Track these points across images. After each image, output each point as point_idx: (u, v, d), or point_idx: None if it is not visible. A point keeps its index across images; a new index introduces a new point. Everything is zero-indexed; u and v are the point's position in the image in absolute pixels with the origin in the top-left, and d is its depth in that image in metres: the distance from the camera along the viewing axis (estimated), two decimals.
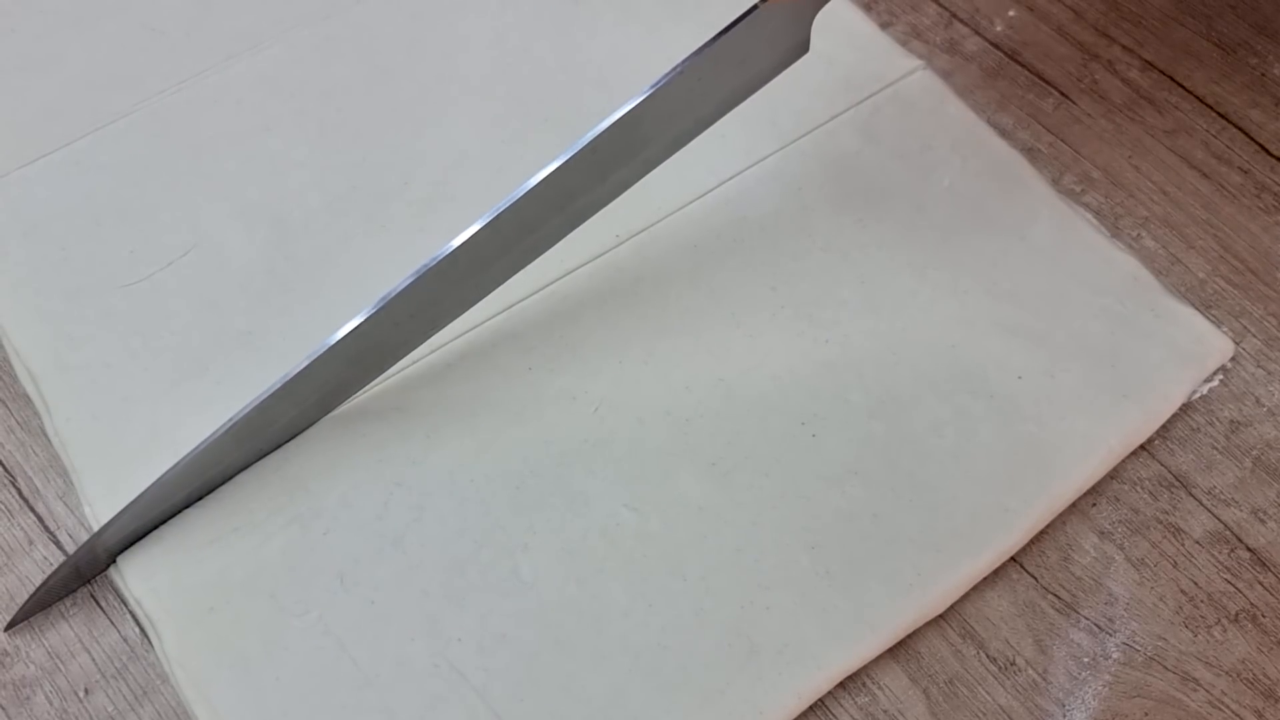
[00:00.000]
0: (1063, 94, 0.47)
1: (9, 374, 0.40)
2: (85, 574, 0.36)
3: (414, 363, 0.39)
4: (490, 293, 0.38)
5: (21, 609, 0.35)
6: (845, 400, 0.39)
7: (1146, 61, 0.48)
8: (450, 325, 0.39)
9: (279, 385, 0.35)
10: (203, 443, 0.35)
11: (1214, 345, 0.40)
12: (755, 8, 0.36)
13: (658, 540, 0.36)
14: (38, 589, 0.35)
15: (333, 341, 0.35)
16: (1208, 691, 0.35)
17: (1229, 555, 0.38)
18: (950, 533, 0.36)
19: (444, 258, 0.35)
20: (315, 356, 0.35)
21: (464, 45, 0.47)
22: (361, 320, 0.35)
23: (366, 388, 0.39)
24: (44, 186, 0.43)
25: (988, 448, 0.38)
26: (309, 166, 0.43)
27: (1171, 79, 0.48)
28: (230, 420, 0.35)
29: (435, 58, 0.46)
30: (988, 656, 0.36)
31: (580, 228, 0.38)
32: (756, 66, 0.39)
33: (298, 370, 0.35)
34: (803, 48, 0.40)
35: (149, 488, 0.34)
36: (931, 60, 0.48)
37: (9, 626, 0.36)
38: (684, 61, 0.36)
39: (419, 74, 0.46)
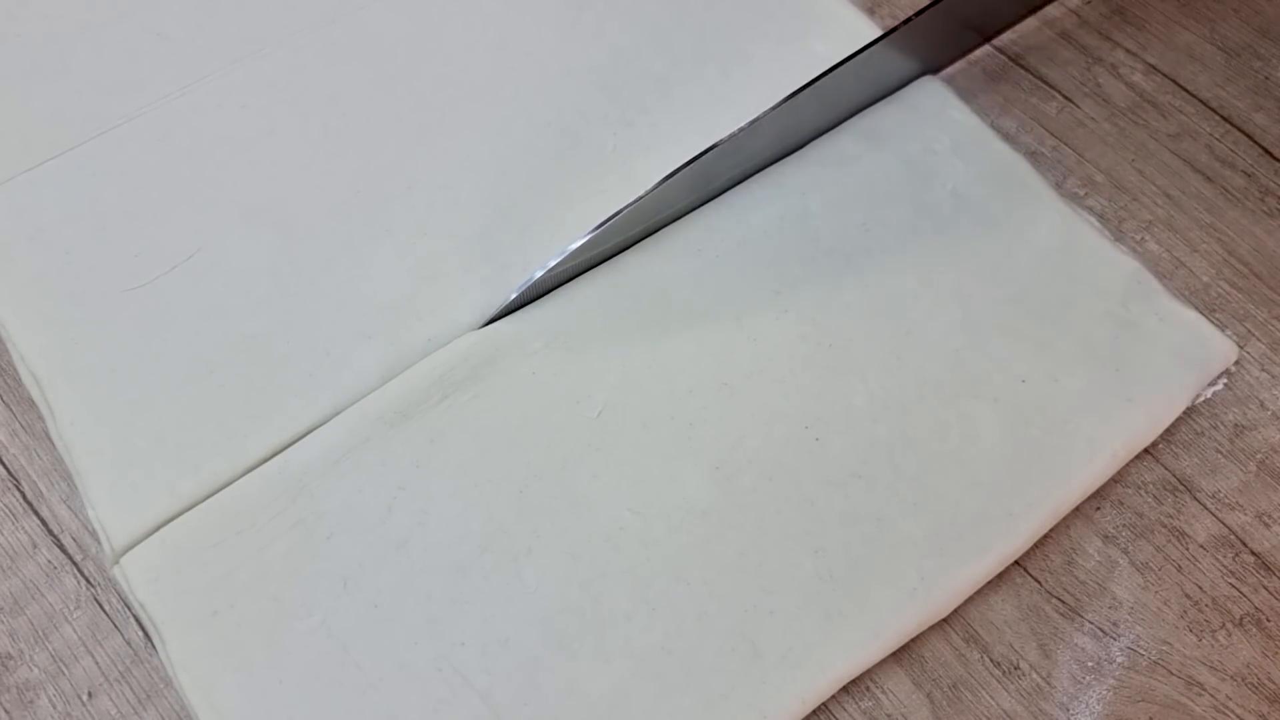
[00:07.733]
0: (1066, 97, 0.47)
1: (13, 377, 0.40)
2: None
3: (416, 365, 0.39)
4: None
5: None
6: (849, 404, 0.39)
7: (1150, 65, 0.48)
8: (452, 328, 0.40)
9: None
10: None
11: (1218, 349, 0.40)
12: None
13: (661, 544, 0.36)
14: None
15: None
16: (1212, 696, 0.35)
17: (1233, 559, 0.38)
18: (954, 536, 0.36)
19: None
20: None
21: (467, 49, 0.47)
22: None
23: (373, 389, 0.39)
24: (49, 190, 0.43)
25: (991, 452, 0.38)
26: (313, 170, 0.43)
27: (1175, 82, 0.48)
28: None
29: (438, 62, 0.46)
30: (991, 661, 0.36)
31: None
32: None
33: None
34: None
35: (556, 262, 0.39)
36: None
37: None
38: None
39: (422, 78, 0.46)
